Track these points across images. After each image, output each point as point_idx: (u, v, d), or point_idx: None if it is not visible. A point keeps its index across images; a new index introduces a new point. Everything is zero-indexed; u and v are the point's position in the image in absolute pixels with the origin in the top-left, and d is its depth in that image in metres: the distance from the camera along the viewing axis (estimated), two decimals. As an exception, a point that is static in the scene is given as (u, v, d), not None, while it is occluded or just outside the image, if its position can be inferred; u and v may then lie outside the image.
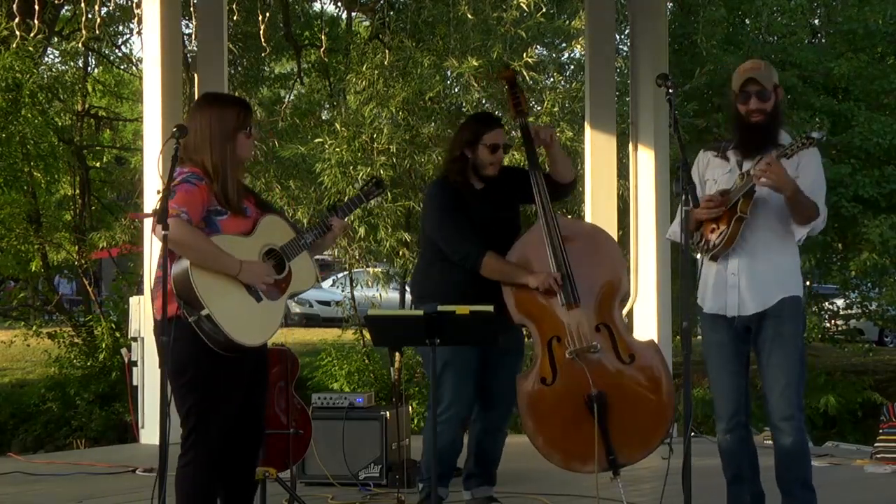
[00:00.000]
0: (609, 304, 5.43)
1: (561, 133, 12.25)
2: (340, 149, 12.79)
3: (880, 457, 7.30)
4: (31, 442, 14.56)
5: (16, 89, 13.97)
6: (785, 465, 4.78)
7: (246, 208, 4.43)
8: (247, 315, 4.31)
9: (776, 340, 4.75)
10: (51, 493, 6.73)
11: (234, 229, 4.36)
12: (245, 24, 14.23)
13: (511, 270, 5.45)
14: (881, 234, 14.25)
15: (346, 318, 16.27)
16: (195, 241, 4.23)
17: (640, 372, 5.33)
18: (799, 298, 4.84)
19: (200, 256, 4.23)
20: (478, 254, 5.46)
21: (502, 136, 5.64)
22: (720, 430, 4.88)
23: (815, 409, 14.68)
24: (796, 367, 4.75)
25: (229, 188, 4.35)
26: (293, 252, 4.45)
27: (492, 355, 5.55)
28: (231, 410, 4.37)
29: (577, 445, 5.28)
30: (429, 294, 5.54)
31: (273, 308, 4.41)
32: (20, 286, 18.14)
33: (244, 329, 4.30)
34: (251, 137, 4.47)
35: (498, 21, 13.02)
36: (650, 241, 8.76)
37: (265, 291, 4.38)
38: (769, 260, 4.78)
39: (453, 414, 5.55)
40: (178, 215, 4.18)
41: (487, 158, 5.58)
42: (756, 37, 16.61)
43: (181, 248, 4.21)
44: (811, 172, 4.79)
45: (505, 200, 5.66)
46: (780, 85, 4.89)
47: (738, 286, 4.79)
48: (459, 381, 5.52)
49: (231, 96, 4.95)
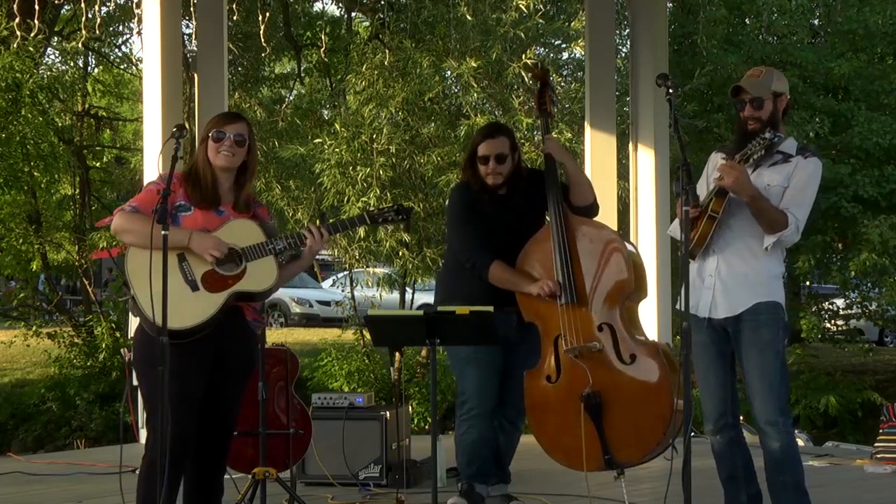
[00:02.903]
0: (613, 303, 5.43)
1: (560, 134, 12.25)
2: (340, 149, 12.78)
3: (880, 457, 7.30)
4: (31, 442, 14.55)
5: (16, 89, 13.97)
6: (774, 469, 4.77)
7: (222, 210, 4.56)
8: (175, 300, 4.31)
9: (754, 345, 4.76)
10: (51, 493, 6.73)
11: (195, 225, 4.48)
12: (245, 24, 14.23)
13: (514, 280, 5.51)
14: (881, 234, 14.24)
15: (346, 318, 16.27)
16: (134, 225, 4.42)
17: (639, 373, 5.33)
18: (777, 304, 4.81)
19: (144, 237, 4.35)
20: (484, 262, 5.53)
21: (494, 147, 5.63)
22: (708, 431, 4.90)
23: (815, 409, 14.69)
24: (776, 372, 4.74)
25: (200, 187, 4.53)
26: (255, 254, 4.51)
27: (515, 354, 5.60)
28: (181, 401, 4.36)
29: (577, 444, 5.29)
30: (453, 295, 5.59)
31: (208, 299, 4.45)
32: (20, 286, 18.14)
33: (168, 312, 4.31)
34: (219, 143, 4.56)
35: (497, 22, 13.02)
36: (650, 241, 8.75)
37: (207, 283, 4.44)
38: (746, 263, 4.77)
39: (479, 412, 5.61)
40: (123, 209, 4.48)
41: (482, 170, 5.64)
42: (756, 37, 16.60)
43: (122, 235, 4.47)
44: (799, 182, 4.76)
45: (526, 206, 5.67)
46: (783, 93, 4.84)
47: (712, 287, 4.80)
48: (483, 378, 5.59)
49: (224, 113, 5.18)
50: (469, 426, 5.61)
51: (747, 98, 4.79)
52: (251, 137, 4.69)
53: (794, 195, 4.75)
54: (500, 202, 5.66)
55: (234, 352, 4.54)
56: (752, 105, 4.78)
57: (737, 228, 4.77)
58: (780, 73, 4.98)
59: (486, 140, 5.66)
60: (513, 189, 5.68)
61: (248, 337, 4.66)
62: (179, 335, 4.34)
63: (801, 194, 4.76)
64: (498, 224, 5.61)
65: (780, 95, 4.83)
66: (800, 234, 4.78)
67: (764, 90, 4.79)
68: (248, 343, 4.68)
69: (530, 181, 5.75)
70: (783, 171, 4.74)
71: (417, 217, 13.44)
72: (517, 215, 5.64)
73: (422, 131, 13.21)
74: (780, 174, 4.74)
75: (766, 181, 4.75)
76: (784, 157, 4.80)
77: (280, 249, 4.56)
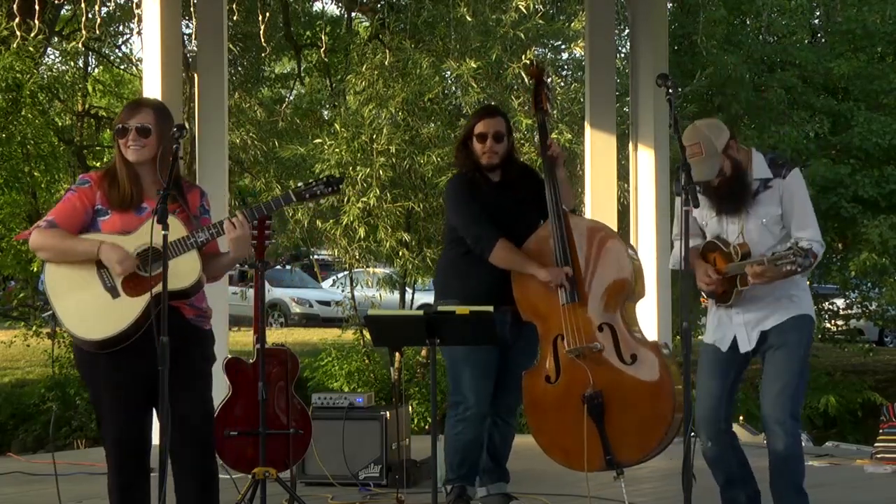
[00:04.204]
0: (614, 303, 5.43)
1: (560, 135, 12.26)
2: (340, 149, 12.79)
3: (880, 457, 7.30)
4: (31, 442, 14.56)
5: (16, 89, 13.97)
6: (777, 469, 4.77)
7: (144, 207, 4.34)
8: (95, 310, 4.23)
9: (779, 348, 4.75)
10: (51, 493, 6.72)
11: (114, 228, 4.31)
12: (245, 24, 14.23)
13: (522, 260, 5.47)
14: (881, 234, 14.25)
15: (346, 318, 16.28)
16: (47, 242, 4.30)
17: (640, 373, 5.33)
18: (807, 317, 4.80)
19: (58, 254, 4.29)
20: (489, 238, 5.49)
21: (492, 125, 5.62)
22: (701, 438, 4.83)
23: (815, 409, 14.70)
24: (794, 374, 4.73)
25: (118, 188, 4.34)
26: (174, 251, 4.22)
27: (511, 354, 5.59)
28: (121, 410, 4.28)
29: (577, 444, 5.28)
30: (452, 291, 5.59)
31: (130, 305, 4.24)
32: (20, 286, 18.13)
33: (88, 324, 4.26)
34: (123, 137, 4.33)
35: (497, 22, 13.03)
36: (650, 241, 8.75)
37: (128, 288, 4.25)
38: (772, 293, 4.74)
39: (475, 413, 5.58)
40: (39, 225, 4.33)
41: (479, 148, 5.62)
42: (756, 37, 16.61)
43: (40, 253, 4.37)
44: (793, 205, 4.73)
45: (520, 195, 5.66)
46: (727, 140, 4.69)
47: (743, 325, 4.78)
48: (478, 378, 5.56)
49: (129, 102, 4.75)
50: (464, 427, 5.58)
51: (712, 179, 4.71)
52: (162, 122, 4.34)
53: (800, 220, 4.72)
54: (497, 187, 5.64)
55: (179, 352, 4.23)
56: (718, 176, 4.73)
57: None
58: (712, 123, 4.83)
59: (485, 118, 5.66)
60: (507, 175, 5.67)
61: (190, 335, 4.37)
62: (106, 344, 4.23)
63: (802, 214, 4.74)
64: (498, 208, 5.57)
65: (728, 145, 4.72)
66: (823, 245, 4.78)
67: (716, 162, 4.69)
68: (191, 341, 4.38)
69: (523, 174, 5.75)
70: (771, 199, 4.71)
71: (417, 217, 13.46)
72: (515, 200, 5.62)
73: (422, 131, 13.21)
74: (769, 204, 4.72)
75: (761, 218, 4.74)
76: (763, 184, 4.75)
77: (202, 242, 4.28)
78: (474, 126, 5.67)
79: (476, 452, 5.68)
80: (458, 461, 5.65)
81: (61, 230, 4.30)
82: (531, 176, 5.80)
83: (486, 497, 5.79)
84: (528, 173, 5.84)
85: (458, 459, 5.65)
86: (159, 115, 4.38)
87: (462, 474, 5.66)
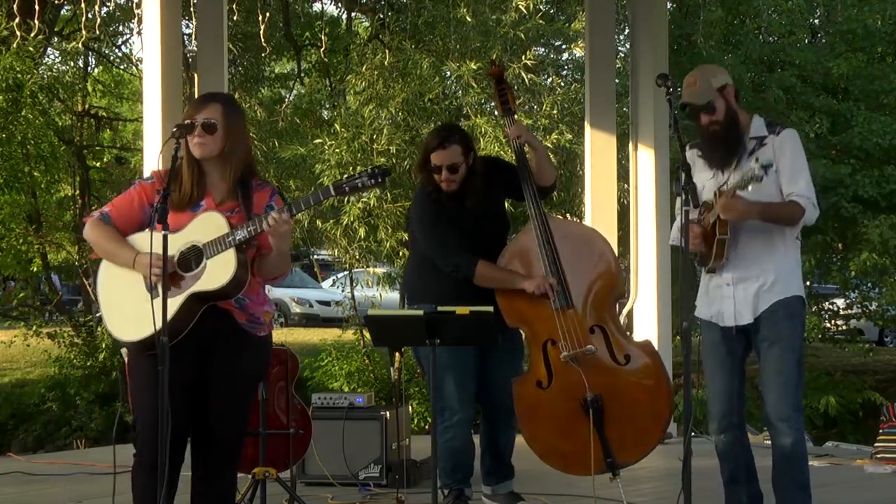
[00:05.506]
0: (603, 305, 5.42)
1: (560, 135, 12.26)
2: (340, 149, 12.79)
3: (880, 457, 7.30)
4: (31, 442, 14.56)
5: (16, 89, 13.97)
6: (782, 466, 4.76)
7: (201, 205, 4.26)
8: (134, 311, 4.19)
9: (772, 340, 4.73)
10: (51, 493, 6.73)
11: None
12: (245, 24, 14.24)
13: (505, 277, 5.46)
14: (881, 234, 14.24)
15: (346, 318, 16.27)
16: (96, 238, 4.30)
17: (635, 373, 5.33)
18: (797, 298, 4.79)
19: (103, 252, 4.32)
20: (468, 264, 5.45)
21: (445, 158, 5.51)
22: (712, 430, 4.87)
23: (815, 409, 14.68)
24: (793, 367, 4.73)
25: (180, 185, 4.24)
26: (214, 249, 4.15)
27: (492, 354, 5.55)
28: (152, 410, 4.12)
29: (575, 449, 5.28)
30: (422, 295, 5.57)
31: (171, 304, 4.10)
32: (20, 286, 18.14)
33: (125, 325, 4.26)
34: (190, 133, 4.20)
35: (497, 23, 13.03)
36: (650, 241, 8.75)
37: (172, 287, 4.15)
38: (761, 267, 4.74)
39: (461, 418, 5.57)
40: (93, 215, 4.35)
41: (436, 177, 5.56)
42: (755, 37, 16.60)
43: (92, 245, 4.37)
44: (786, 161, 4.72)
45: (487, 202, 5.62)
46: (725, 84, 4.77)
47: (732, 297, 4.76)
48: (460, 383, 5.55)
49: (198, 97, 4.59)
50: (454, 433, 5.56)
51: (698, 108, 4.75)
52: (230, 117, 4.26)
53: (790, 175, 4.71)
54: (460, 203, 5.58)
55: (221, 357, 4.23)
56: (706, 112, 4.75)
57: (745, 234, 4.73)
58: (713, 67, 4.94)
59: (437, 150, 5.53)
60: (470, 189, 5.57)
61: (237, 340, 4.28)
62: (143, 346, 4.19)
63: (794, 170, 4.72)
64: (464, 225, 5.54)
65: (725, 87, 4.77)
66: (817, 208, 4.75)
67: (708, 93, 4.73)
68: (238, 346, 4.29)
69: (485, 175, 5.64)
70: (764, 156, 4.69)
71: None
72: (478, 215, 5.58)
73: (422, 132, 13.18)
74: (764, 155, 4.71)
75: None
76: (758, 142, 4.77)
77: (241, 239, 4.12)
78: (429, 155, 5.57)
79: (467, 455, 5.68)
80: (451, 467, 5.65)
81: (110, 228, 4.29)
82: (498, 168, 5.74)
83: (491, 496, 5.80)
84: (495, 168, 5.75)
85: (450, 465, 5.64)
86: (228, 109, 4.27)
87: (457, 479, 5.67)
